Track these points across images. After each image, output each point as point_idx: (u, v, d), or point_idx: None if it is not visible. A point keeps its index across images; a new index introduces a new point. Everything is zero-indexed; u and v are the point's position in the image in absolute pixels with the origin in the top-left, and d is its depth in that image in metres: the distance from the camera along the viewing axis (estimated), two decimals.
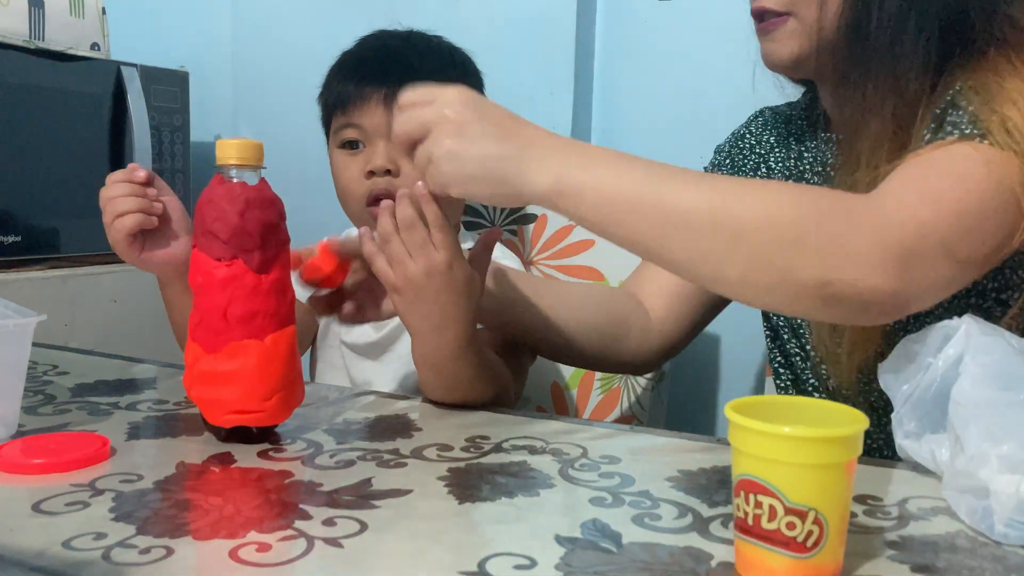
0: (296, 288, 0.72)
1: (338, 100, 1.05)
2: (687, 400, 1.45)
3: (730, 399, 0.47)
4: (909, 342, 0.61)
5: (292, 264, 0.71)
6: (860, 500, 0.56)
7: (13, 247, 1.42)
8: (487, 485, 0.58)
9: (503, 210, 1.29)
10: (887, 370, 0.61)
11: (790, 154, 0.94)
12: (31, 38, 1.47)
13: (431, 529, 0.51)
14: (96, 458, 0.62)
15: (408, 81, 1.00)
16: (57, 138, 1.48)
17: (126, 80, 1.56)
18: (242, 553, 0.47)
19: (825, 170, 0.87)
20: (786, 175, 0.93)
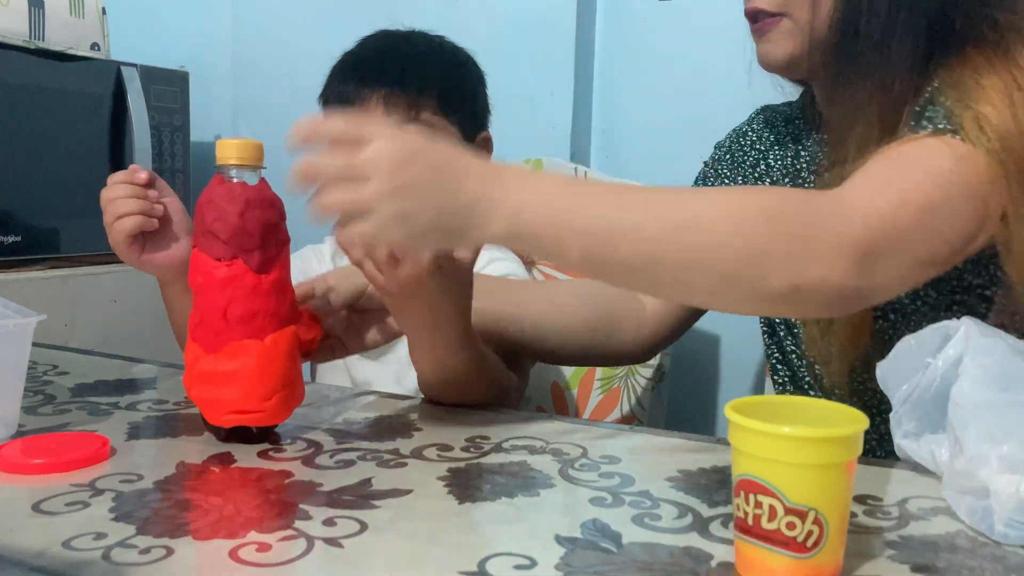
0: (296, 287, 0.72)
1: (338, 100, 1.05)
2: (687, 400, 1.45)
3: (730, 399, 0.47)
4: (908, 342, 0.61)
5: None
6: (860, 500, 0.56)
7: (13, 247, 1.42)
8: (487, 485, 0.58)
9: None
10: (885, 369, 0.61)
11: (787, 153, 0.94)
12: (31, 38, 1.47)
13: (431, 529, 0.51)
14: (96, 458, 0.62)
15: (409, 81, 1.01)
16: (57, 138, 1.48)
17: (126, 80, 1.56)
18: (242, 553, 0.47)
19: (819, 170, 0.88)
20: (783, 173, 0.94)
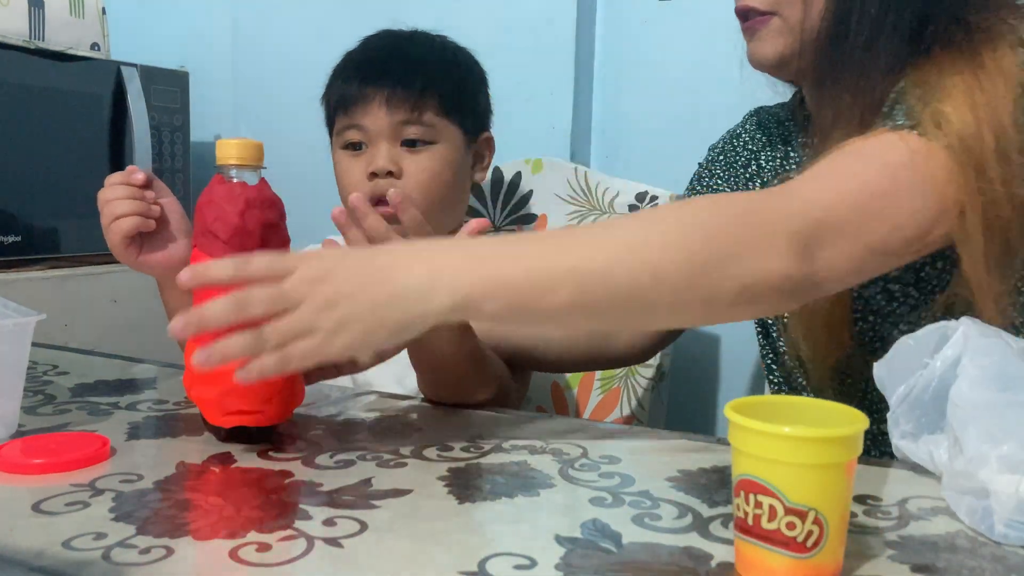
0: None
1: (340, 101, 1.05)
2: (687, 400, 1.45)
3: (730, 399, 0.47)
4: (906, 342, 0.61)
5: None
6: (860, 500, 0.56)
7: (13, 247, 1.42)
8: (487, 485, 0.58)
9: (503, 209, 1.29)
10: (883, 370, 0.61)
11: (777, 154, 0.95)
12: (31, 38, 1.47)
13: (431, 529, 0.51)
14: (96, 458, 0.62)
15: (411, 82, 1.01)
16: (57, 138, 1.48)
17: (126, 80, 1.56)
18: (242, 553, 0.47)
19: None
20: (773, 174, 0.95)
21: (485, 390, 0.79)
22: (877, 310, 0.80)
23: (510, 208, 1.28)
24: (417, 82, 1.01)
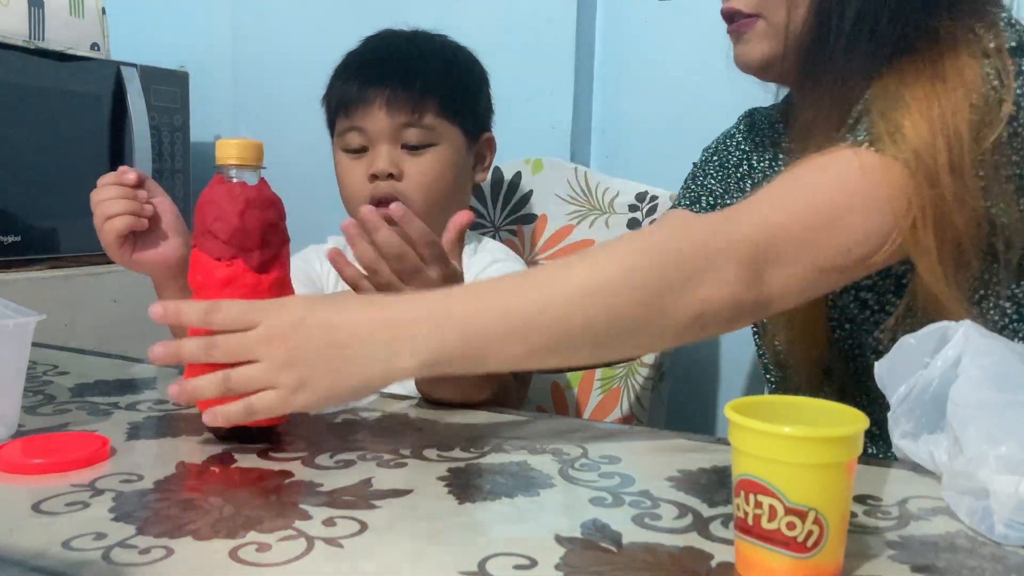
0: (297, 286, 0.73)
1: (340, 103, 1.05)
2: (687, 400, 1.45)
3: (730, 399, 0.47)
4: (907, 342, 0.61)
5: None
6: (860, 500, 0.56)
7: (13, 247, 1.42)
8: (487, 485, 0.58)
9: (503, 209, 1.29)
10: (884, 369, 0.61)
11: (767, 155, 0.96)
12: (31, 38, 1.47)
13: (431, 529, 0.51)
14: (96, 458, 0.62)
15: (411, 83, 1.01)
16: (57, 138, 1.48)
17: (126, 80, 1.56)
18: (242, 553, 0.47)
19: None
20: (764, 175, 0.95)
21: (485, 390, 0.79)
22: (851, 318, 0.81)
23: (510, 208, 1.28)
24: (417, 84, 1.01)
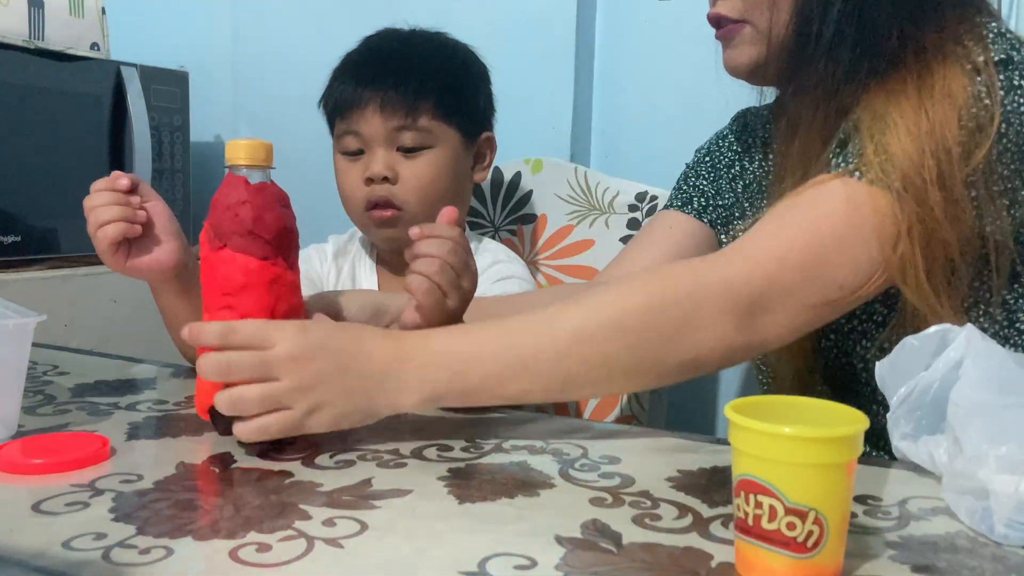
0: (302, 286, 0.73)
1: (336, 106, 1.05)
2: (687, 400, 1.45)
3: (730, 399, 0.47)
4: (909, 343, 0.61)
5: None
6: (860, 500, 0.56)
7: (13, 247, 1.42)
8: (487, 485, 0.58)
9: (503, 209, 1.29)
10: (885, 370, 0.61)
11: (758, 156, 0.96)
12: (31, 38, 1.47)
13: (431, 529, 0.51)
14: (96, 458, 0.62)
15: (406, 85, 1.01)
16: (57, 138, 1.48)
17: (126, 80, 1.56)
18: (242, 553, 0.47)
19: (771, 183, 0.89)
20: (755, 176, 0.95)
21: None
22: (837, 328, 0.81)
23: (510, 208, 1.28)
24: (411, 86, 1.01)
